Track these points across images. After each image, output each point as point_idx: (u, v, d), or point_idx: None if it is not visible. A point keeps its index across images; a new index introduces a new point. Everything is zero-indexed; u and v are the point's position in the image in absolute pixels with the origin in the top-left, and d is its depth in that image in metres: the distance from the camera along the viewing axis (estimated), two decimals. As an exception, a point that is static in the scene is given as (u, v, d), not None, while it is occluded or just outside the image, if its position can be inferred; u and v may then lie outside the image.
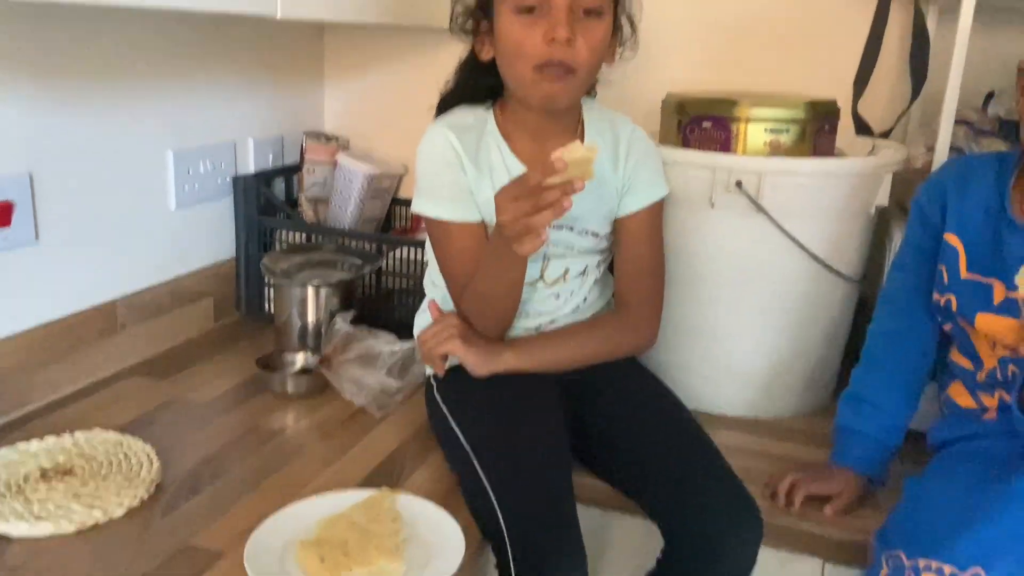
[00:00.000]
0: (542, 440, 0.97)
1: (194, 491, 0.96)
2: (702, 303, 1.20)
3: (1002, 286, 0.94)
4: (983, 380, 0.99)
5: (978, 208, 0.97)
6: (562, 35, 0.96)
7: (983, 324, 0.96)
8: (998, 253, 0.95)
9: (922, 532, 0.86)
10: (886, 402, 1.03)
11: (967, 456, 0.97)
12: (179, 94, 1.34)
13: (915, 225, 1.04)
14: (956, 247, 0.98)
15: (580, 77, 1.00)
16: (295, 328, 1.31)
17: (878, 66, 1.38)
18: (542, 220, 0.86)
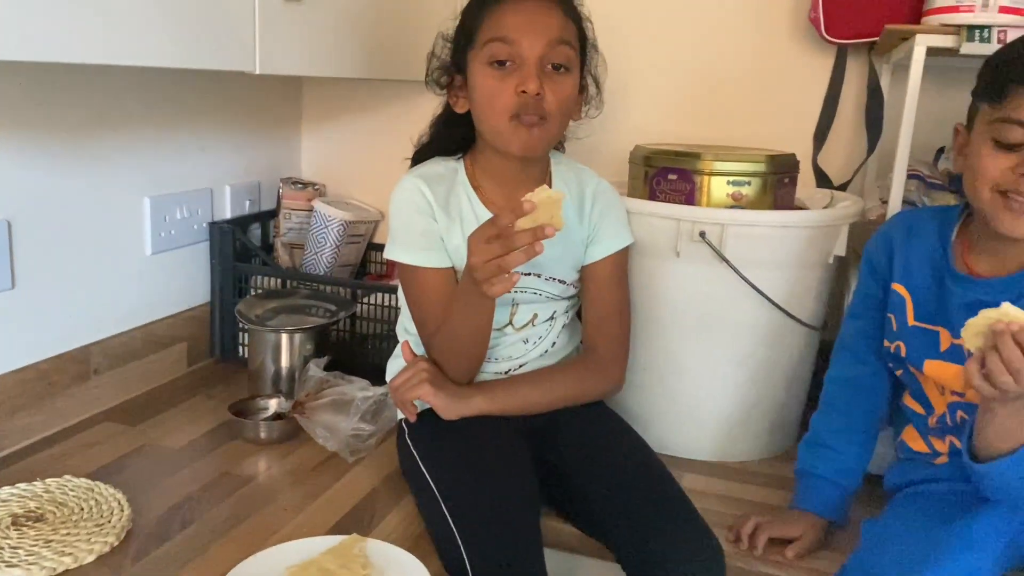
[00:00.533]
0: (510, 485, 0.98)
1: (164, 538, 0.97)
2: (668, 349, 1.23)
3: (947, 334, 0.98)
4: (934, 425, 1.02)
5: (923, 259, 1.01)
6: (532, 88, 1.01)
7: (931, 370, 0.99)
8: (942, 302, 0.99)
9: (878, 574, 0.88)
10: (844, 447, 1.06)
11: (921, 499, 1.00)
12: (157, 143, 1.37)
13: (865, 276, 1.09)
14: (903, 296, 1.02)
15: (552, 126, 1.05)
16: (269, 373, 1.32)
17: (836, 121, 1.45)
18: (512, 261, 0.89)
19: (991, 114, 0.90)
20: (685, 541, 0.94)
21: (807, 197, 1.37)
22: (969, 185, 0.93)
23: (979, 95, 0.93)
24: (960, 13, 1.11)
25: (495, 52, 1.02)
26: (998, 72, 0.90)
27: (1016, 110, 0.86)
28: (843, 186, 1.44)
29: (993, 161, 0.89)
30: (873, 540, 0.95)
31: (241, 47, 1.04)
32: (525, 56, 1.01)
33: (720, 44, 1.50)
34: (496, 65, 1.03)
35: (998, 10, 1.10)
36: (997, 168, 0.89)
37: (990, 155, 0.89)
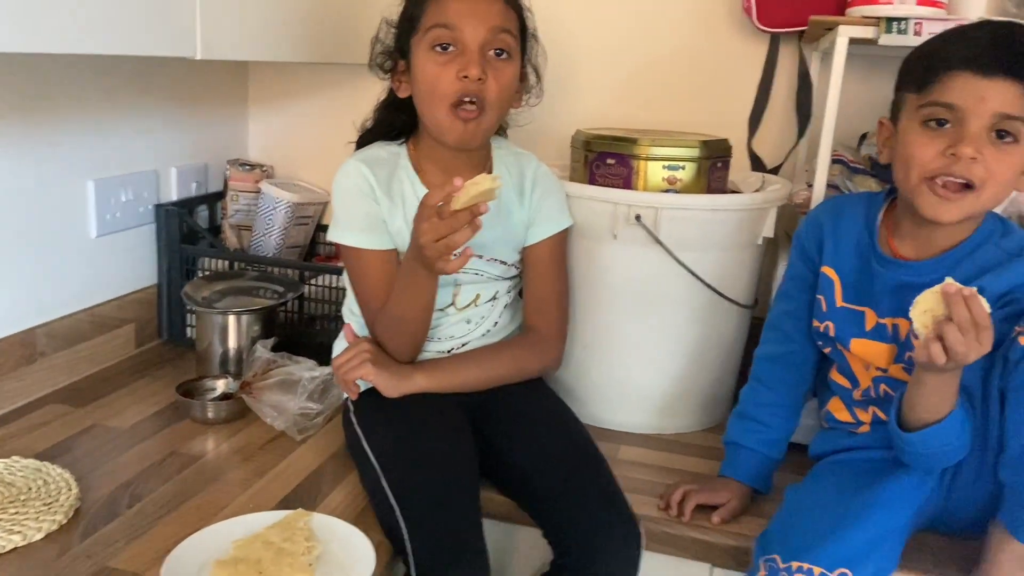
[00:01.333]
0: (449, 460, 1.03)
1: (113, 515, 0.99)
2: (606, 327, 1.28)
3: (873, 313, 1.04)
4: (859, 398, 1.09)
5: (850, 243, 1.07)
6: (474, 73, 1.03)
7: (857, 348, 1.05)
8: (868, 284, 1.04)
9: (796, 537, 0.94)
10: (770, 419, 1.12)
11: (842, 466, 1.07)
12: (101, 125, 1.37)
13: (795, 258, 1.14)
14: (832, 279, 1.08)
15: (490, 115, 1.08)
16: (216, 355, 1.34)
17: (770, 107, 1.50)
18: (459, 239, 0.93)
19: (917, 102, 0.94)
20: (602, 518, 0.99)
21: (741, 180, 1.42)
22: (900, 173, 0.98)
23: (903, 86, 0.98)
24: (879, 5, 1.16)
25: (438, 37, 1.05)
26: (922, 63, 0.95)
27: (942, 94, 0.91)
28: (775, 169, 1.50)
29: (923, 148, 0.93)
30: (794, 504, 1.02)
31: (182, 33, 1.05)
32: (467, 42, 1.04)
33: (659, 31, 1.54)
34: (439, 50, 1.05)
35: (916, 2, 1.16)
36: (927, 153, 0.93)
37: (920, 141, 0.94)
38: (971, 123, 0.90)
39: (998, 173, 0.91)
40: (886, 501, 0.98)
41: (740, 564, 1.05)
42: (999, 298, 0.95)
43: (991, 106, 0.89)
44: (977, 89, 0.89)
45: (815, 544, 0.92)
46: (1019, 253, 0.97)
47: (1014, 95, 0.89)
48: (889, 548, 0.95)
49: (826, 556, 0.91)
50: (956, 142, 0.91)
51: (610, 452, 1.24)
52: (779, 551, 0.94)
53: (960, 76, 0.90)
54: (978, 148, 0.90)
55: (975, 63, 0.89)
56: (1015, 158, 0.92)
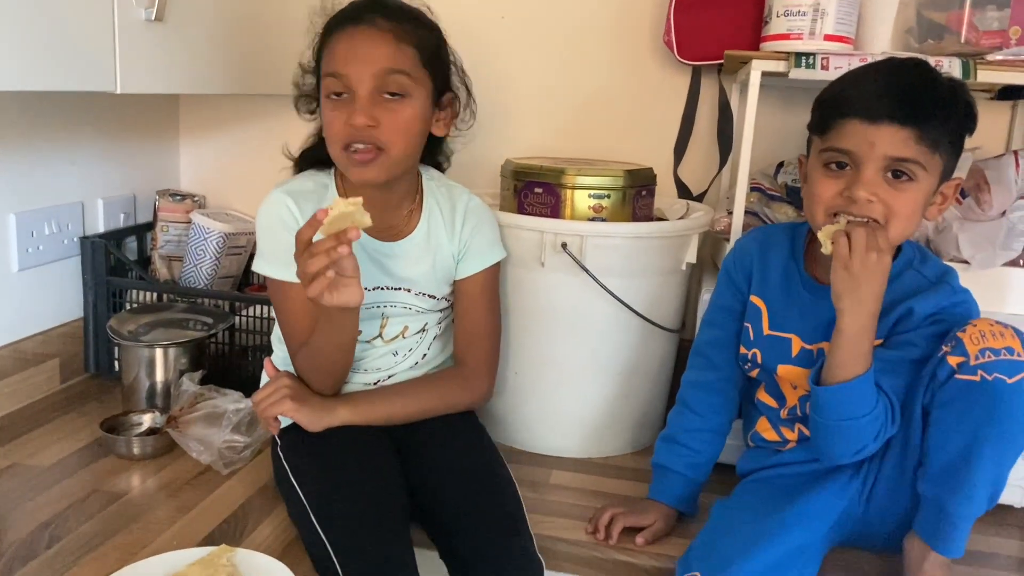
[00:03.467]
0: (376, 488, 1.02)
1: (30, 556, 0.96)
2: (537, 354, 1.30)
3: (798, 340, 1.08)
4: (785, 416, 1.12)
5: (777, 273, 1.11)
6: (358, 121, 1.03)
7: (784, 373, 1.09)
8: (795, 311, 1.08)
9: (717, 554, 0.97)
10: (694, 443, 1.15)
11: (764, 483, 1.11)
12: (23, 157, 1.35)
13: (722, 287, 1.16)
14: (760, 307, 1.11)
15: (393, 154, 1.07)
16: (143, 389, 1.32)
17: (694, 135, 1.55)
18: (315, 265, 0.92)
19: (820, 144, 1.01)
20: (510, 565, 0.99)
21: (667, 207, 1.46)
22: (807, 208, 1.04)
23: (811, 128, 1.04)
24: (790, 40, 1.22)
25: (330, 86, 1.06)
26: (822, 108, 1.01)
27: (838, 140, 0.97)
28: (701, 196, 1.54)
29: (824, 187, 0.99)
30: (720, 520, 1.05)
31: (101, 68, 1.05)
32: (355, 88, 1.04)
33: (588, 64, 1.58)
34: (333, 97, 1.06)
35: (823, 38, 1.21)
36: (828, 192, 0.99)
37: (822, 182, 1.00)
38: (865, 168, 0.96)
39: (898, 209, 0.96)
40: (802, 517, 1.01)
41: (666, 585, 1.07)
42: (926, 318, 1.00)
43: (881, 151, 0.95)
44: (867, 135, 0.95)
45: (735, 560, 0.95)
46: (939, 279, 1.03)
47: (903, 139, 0.94)
48: (804, 563, 0.98)
49: (745, 571, 0.94)
50: (852, 185, 0.96)
51: (541, 477, 1.26)
52: (700, 568, 0.96)
53: (851, 123, 0.96)
54: (872, 191, 0.96)
55: (864, 111, 0.95)
56: (913, 194, 0.97)
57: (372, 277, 1.13)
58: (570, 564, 1.09)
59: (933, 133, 0.94)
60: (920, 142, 0.94)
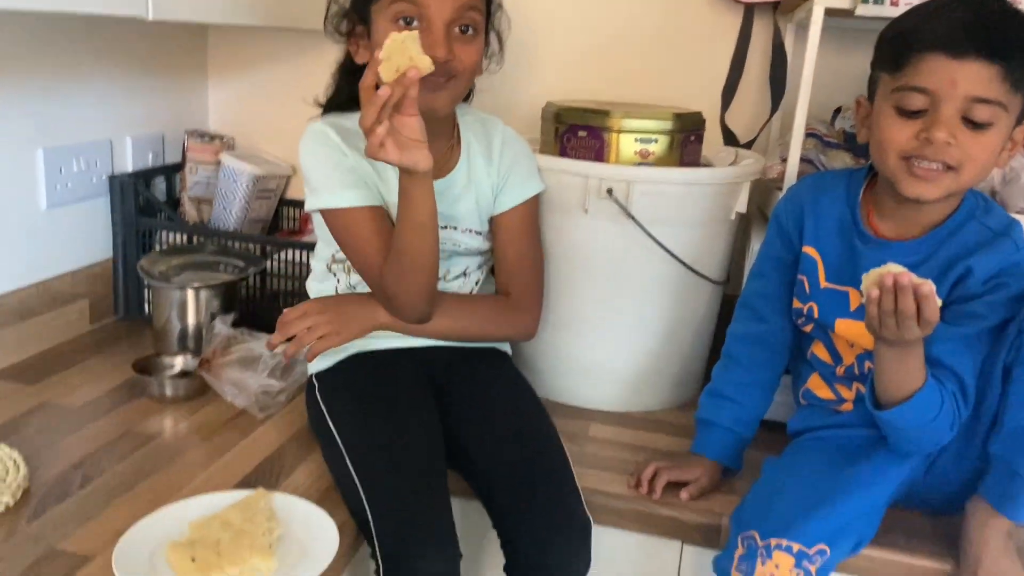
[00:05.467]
0: (414, 438, 1.00)
1: (63, 496, 0.95)
2: (577, 304, 1.26)
3: (857, 293, 1.02)
4: (841, 374, 1.07)
5: (832, 222, 1.04)
6: (440, 54, 0.99)
7: (842, 329, 1.03)
8: (852, 263, 1.02)
9: (775, 514, 0.93)
10: (743, 398, 1.10)
11: (823, 443, 1.06)
12: (50, 91, 1.30)
13: (773, 238, 1.11)
14: (815, 259, 1.05)
15: (461, 83, 1.05)
16: (174, 331, 1.30)
17: (743, 80, 1.48)
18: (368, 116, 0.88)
19: (891, 83, 0.92)
20: (556, 524, 0.96)
21: (713, 155, 1.40)
22: (876, 153, 0.96)
23: (878, 66, 0.96)
24: (857, -25, 1.14)
25: (401, 11, 1.00)
26: (895, 42, 0.93)
27: (915, 77, 0.89)
28: (749, 144, 1.48)
29: (898, 130, 0.91)
30: (774, 478, 1.01)
31: (133, -10, 1.00)
32: (432, 19, 1.00)
33: (632, 3, 1.51)
34: (402, 23, 1.01)
35: (893, -27, 1.14)
36: (902, 136, 0.91)
37: (894, 124, 0.92)
38: (943, 107, 0.88)
39: (975, 155, 0.90)
40: (867, 480, 0.97)
41: (710, 541, 1.04)
42: (987, 281, 0.94)
43: (963, 90, 0.87)
44: (949, 72, 0.87)
45: (794, 521, 0.91)
46: (1004, 231, 0.96)
47: (987, 77, 0.87)
48: (867, 524, 0.95)
49: (805, 533, 0.90)
50: (929, 127, 0.89)
51: (580, 430, 1.23)
52: (757, 527, 0.93)
53: (932, 58, 0.88)
54: (951, 132, 0.88)
55: (947, 44, 0.87)
56: (992, 138, 0.90)
57: None
58: (611, 517, 1.06)
59: (1018, 71, 0.87)
60: (1004, 80, 0.87)
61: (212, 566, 0.81)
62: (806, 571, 0.90)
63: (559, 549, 0.96)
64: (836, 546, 0.91)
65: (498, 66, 1.16)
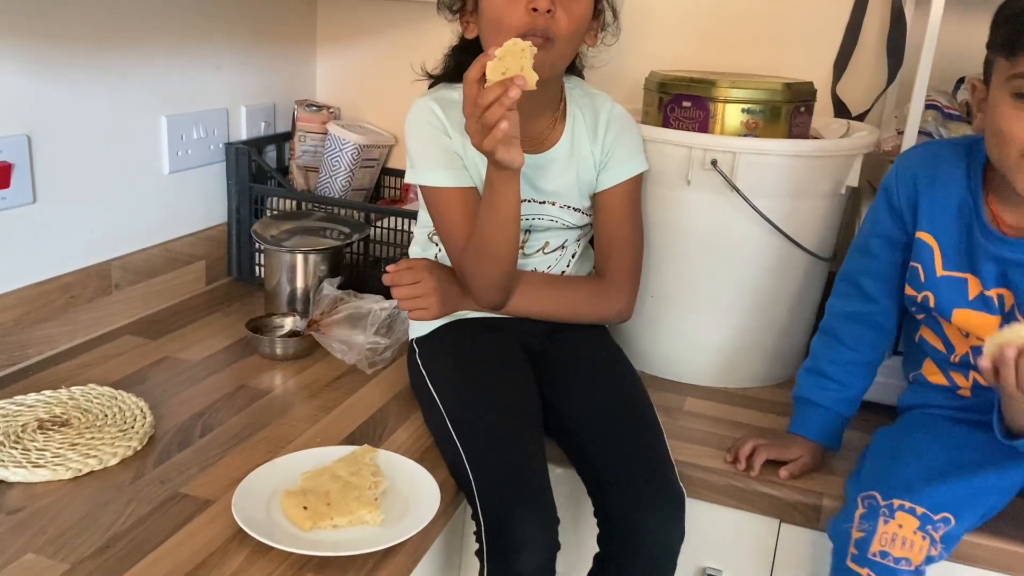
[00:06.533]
0: (512, 400, 1.02)
1: (185, 444, 1.01)
2: (676, 276, 1.25)
3: (976, 281, 0.97)
4: (956, 362, 1.03)
5: (950, 204, 0.98)
6: (543, 4, 0.99)
7: (959, 319, 0.99)
8: (971, 250, 0.97)
9: (897, 478, 0.92)
10: (844, 377, 1.07)
11: (942, 419, 1.02)
12: (173, 61, 1.37)
13: (882, 214, 1.05)
14: (931, 245, 0.99)
15: (559, 47, 1.03)
16: (284, 293, 1.36)
17: (858, 50, 1.43)
18: (492, 115, 0.89)
19: (1008, 69, 0.86)
20: (651, 494, 0.97)
21: (823, 127, 1.36)
22: (993, 146, 0.90)
23: (994, 48, 0.89)
24: (988, -63, 1.08)
25: None
26: (1012, 25, 0.85)
27: None
28: (861, 116, 1.42)
29: (1015, 121, 0.85)
30: (892, 443, 0.98)
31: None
32: None
33: (742, -32, 1.47)
34: None
35: (1028, -65, 1.07)
36: (1022, 129, 0.85)
37: (1013, 115, 0.86)
38: None
39: None
40: (999, 461, 0.94)
41: (810, 520, 1.02)
42: None
43: None
44: None
45: (920, 486, 0.90)
46: None
47: None
48: (993, 504, 0.92)
49: (931, 498, 0.89)
50: None
51: (675, 404, 1.22)
52: (878, 488, 0.91)
53: None
54: None
55: None
56: None
57: None
58: (707, 492, 1.06)
59: None
60: None
61: (323, 515, 0.86)
62: (930, 536, 0.88)
63: (653, 519, 0.96)
64: (961, 517, 0.89)
65: (614, 38, 1.14)
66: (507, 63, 0.89)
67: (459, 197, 1.07)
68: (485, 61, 0.89)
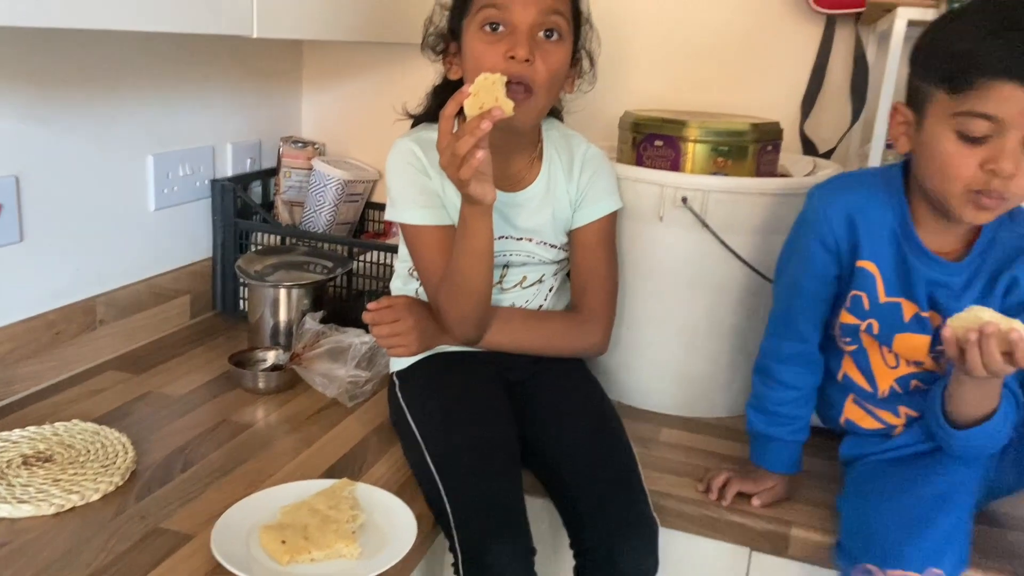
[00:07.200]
0: (490, 433, 1.04)
1: (167, 479, 1.03)
2: (651, 309, 1.28)
3: (911, 304, 1.01)
4: (884, 398, 1.06)
5: (885, 232, 1.00)
6: (521, 54, 1.03)
7: (899, 343, 1.02)
8: (906, 275, 1.00)
9: (879, 543, 0.93)
10: (791, 411, 1.09)
11: (884, 465, 1.05)
12: (160, 101, 1.41)
13: (816, 254, 1.03)
14: (873, 274, 1.01)
15: (539, 97, 1.07)
16: (268, 327, 1.38)
17: (824, 90, 1.48)
18: (463, 145, 0.92)
19: (952, 106, 0.87)
20: (625, 525, 0.99)
21: (791, 164, 1.40)
22: (935, 181, 0.92)
23: (930, 78, 0.89)
24: (941, -14, 1.13)
25: (488, 16, 1.05)
26: (957, 63, 0.86)
27: (980, 104, 0.84)
28: (828, 153, 1.47)
29: (961, 159, 0.87)
30: (858, 511, 0.99)
31: (239, 12, 1.07)
32: (516, 22, 1.04)
33: (712, 12, 1.52)
34: (488, 29, 1.05)
35: (979, -17, 1.12)
36: (967, 167, 0.87)
37: (956, 152, 0.87)
38: (1010, 136, 0.85)
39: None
40: (953, 494, 0.97)
41: (778, 549, 1.05)
42: None
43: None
44: (1020, 102, 0.83)
45: (896, 548, 0.91)
46: None
47: None
48: (963, 536, 0.95)
49: (911, 558, 0.90)
50: (996, 157, 0.85)
51: (651, 434, 1.25)
52: (869, 560, 0.92)
53: (1001, 86, 0.83)
54: (1016, 163, 0.85)
55: (1019, 72, 0.83)
56: None
57: (497, 227, 1.13)
58: (680, 521, 1.08)
59: None
60: None
61: (300, 549, 0.87)
62: None
63: (627, 550, 0.98)
64: (943, 563, 0.90)
65: (590, 86, 1.18)
66: (482, 98, 0.93)
67: (437, 234, 1.10)
68: (461, 98, 0.93)
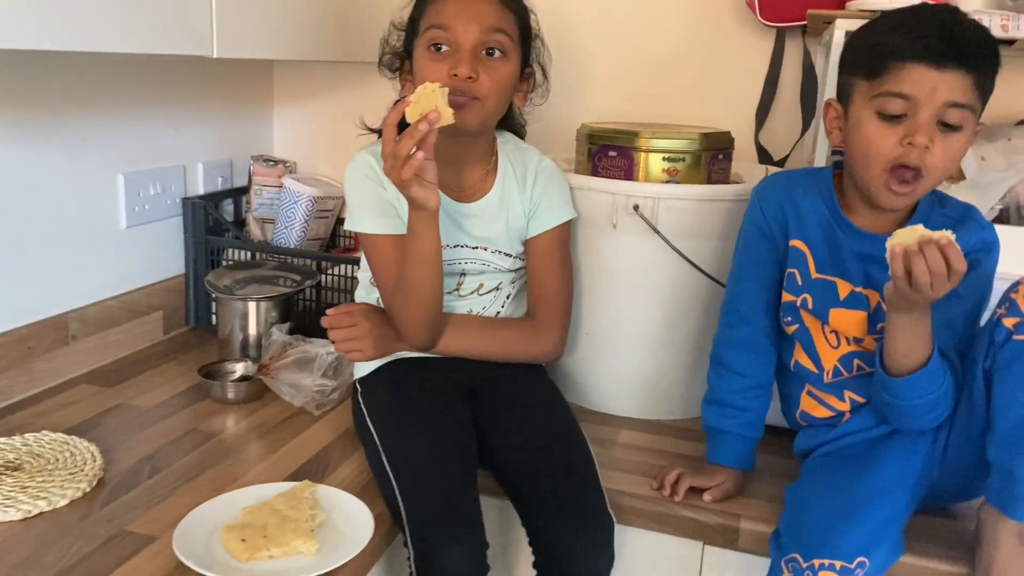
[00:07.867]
0: (446, 437, 1.08)
1: (133, 485, 1.05)
2: (607, 315, 1.32)
3: (845, 283, 1.06)
4: (830, 381, 1.10)
5: (813, 217, 1.08)
6: (463, 72, 1.08)
7: (835, 318, 1.07)
8: (836, 254, 1.06)
9: (808, 534, 0.97)
10: (742, 402, 1.13)
11: (831, 457, 1.09)
12: (131, 121, 1.44)
13: (754, 241, 1.12)
14: (803, 251, 1.08)
15: (487, 104, 1.11)
16: (237, 339, 1.41)
17: (777, 100, 1.53)
18: (402, 146, 0.97)
19: (871, 90, 0.96)
20: (581, 521, 1.02)
21: (746, 172, 1.45)
22: (858, 162, 0.99)
23: (854, 71, 0.99)
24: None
25: (433, 37, 1.10)
26: (874, 51, 0.96)
27: (896, 84, 0.94)
28: (782, 161, 1.52)
29: (882, 137, 0.96)
30: (798, 502, 1.03)
31: (198, 32, 1.11)
32: (460, 42, 1.09)
33: (666, 27, 1.57)
34: (433, 49, 1.10)
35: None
36: (887, 143, 0.95)
37: (877, 131, 0.96)
38: (923, 112, 0.93)
39: (943, 160, 0.95)
40: (887, 486, 1.00)
41: (729, 542, 1.08)
42: None
43: (942, 96, 0.92)
44: (930, 80, 0.92)
45: (829, 538, 0.94)
46: (962, 218, 1.02)
47: (964, 85, 0.92)
48: (897, 529, 0.98)
49: (842, 548, 0.93)
50: (912, 132, 0.94)
51: (610, 436, 1.28)
52: (797, 550, 0.96)
53: (914, 67, 0.93)
54: (930, 137, 0.93)
55: (929, 55, 0.92)
56: (961, 142, 0.96)
57: (452, 236, 1.18)
58: (635, 518, 1.11)
59: (986, 79, 0.94)
60: (975, 87, 0.93)
61: (259, 546, 0.90)
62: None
63: (583, 546, 1.01)
64: (873, 555, 0.94)
65: (543, 99, 1.24)
66: (423, 106, 0.98)
67: (391, 243, 1.14)
68: (403, 107, 0.98)
